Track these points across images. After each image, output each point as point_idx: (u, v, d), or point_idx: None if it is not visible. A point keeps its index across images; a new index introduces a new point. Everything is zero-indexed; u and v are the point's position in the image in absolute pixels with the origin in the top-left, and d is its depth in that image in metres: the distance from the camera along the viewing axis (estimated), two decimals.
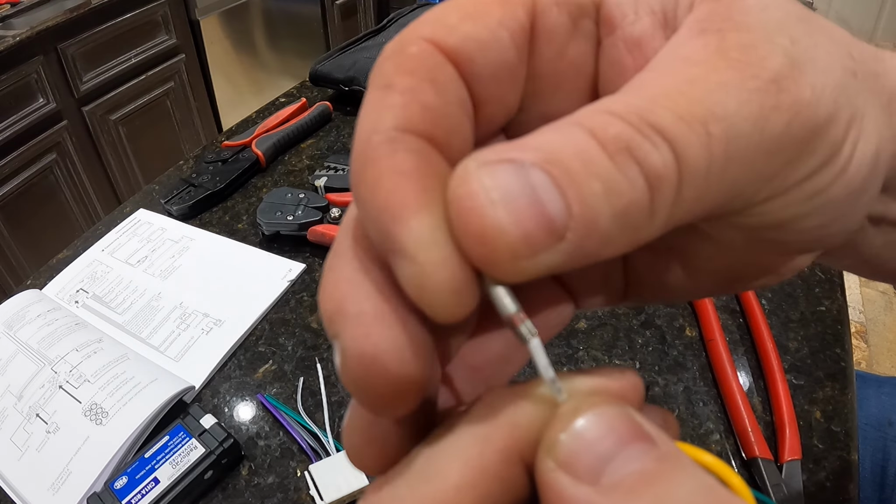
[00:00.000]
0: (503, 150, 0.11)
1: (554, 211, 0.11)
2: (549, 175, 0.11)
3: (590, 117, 0.12)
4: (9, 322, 0.53)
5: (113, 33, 1.66)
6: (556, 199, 0.11)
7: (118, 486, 0.40)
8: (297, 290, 0.58)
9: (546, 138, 0.11)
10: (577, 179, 0.11)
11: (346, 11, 2.55)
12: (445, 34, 0.13)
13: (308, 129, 0.80)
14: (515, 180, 0.11)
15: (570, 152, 0.11)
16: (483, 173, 0.11)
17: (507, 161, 0.11)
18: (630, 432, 0.11)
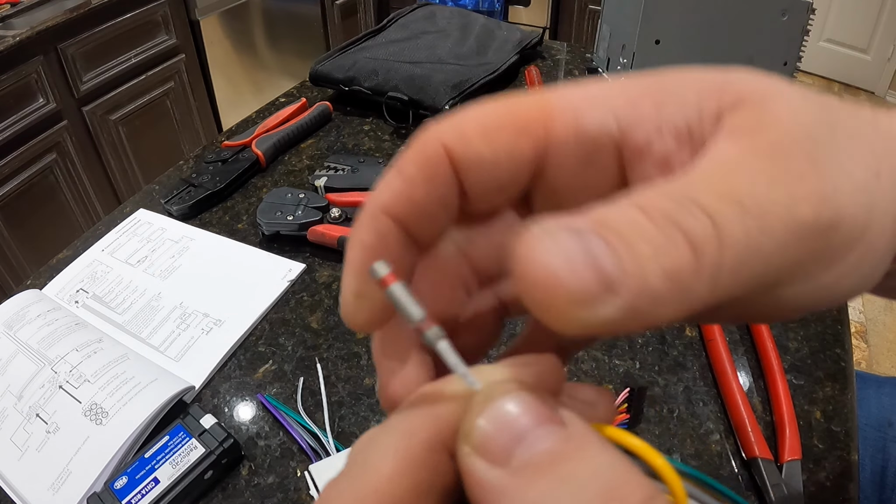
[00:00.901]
0: (562, 219, 0.13)
1: (608, 267, 0.12)
2: (603, 239, 0.12)
3: (638, 196, 0.13)
4: (9, 322, 0.53)
5: (113, 33, 1.66)
6: (610, 258, 0.12)
7: (118, 486, 0.40)
8: (297, 290, 0.58)
9: (600, 211, 0.13)
10: (629, 242, 0.12)
11: (346, 11, 2.55)
12: (459, 146, 0.16)
13: (308, 129, 0.80)
14: (574, 242, 0.12)
15: (621, 221, 0.13)
16: (546, 236, 0.12)
17: (566, 228, 0.12)
18: (538, 415, 0.12)
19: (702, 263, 0.13)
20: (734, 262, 0.13)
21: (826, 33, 3.11)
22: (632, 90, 0.16)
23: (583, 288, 0.12)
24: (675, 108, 0.15)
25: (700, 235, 0.13)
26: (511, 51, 0.93)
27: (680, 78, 0.16)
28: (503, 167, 0.16)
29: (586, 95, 0.16)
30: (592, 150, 0.16)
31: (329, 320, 0.55)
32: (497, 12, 2.30)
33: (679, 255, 0.12)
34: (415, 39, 0.92)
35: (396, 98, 0.80)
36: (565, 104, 0.16)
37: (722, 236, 0.13)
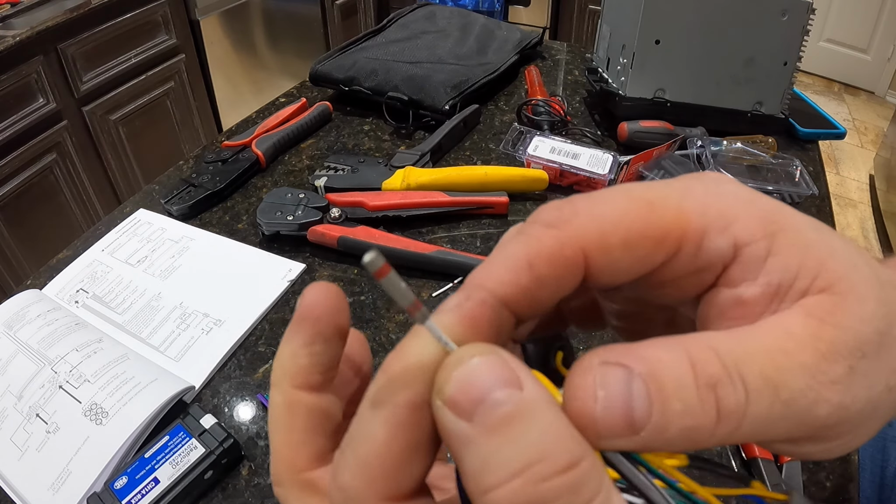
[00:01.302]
0: (620, 354, 0.15)
1: (639, 415, 0.14)
2: (647, 387, 0.15)
3: (697, 349, 0.15)
4: (9, 322, 0.53)
5: (113, 33, 1.66)
6: (645, 407, 0.14)
7: (118, 486, 0.40)
8: (297, 290, 0.58)
9: (657, 355, 0.15)
10: (666, 397, 0.15)
11: (346, 11, 2.55)
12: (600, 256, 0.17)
13: (308, 129, 0.80)
14: (620, 385, 0.15)
15: (669, 374, 0.15)
16: (598, 371, 0.15)
17: (620, 365, 0.15)
18: (500, 377, 0.14)
19: (720, 427, 0.15)
20: (749, 431, 0.16)
21: (826, 33, 3.11)
22: (757, 225, 0.17)
23: (610, 427, 0.15)
24: (780, 264, 0.17)
25: (731, 407, 0.15)
26: (511, 51, 0.93)
27: (801, 235, 0.17)
28: (632, 272, 0.17)
29: (719, 213, 0.17)
30: (701, 268, 0.18)
31: None
32: (497, 12, 2.30)
33: (704, 419, 0.15)
34: (415, 39, 0.92)
35: (396, 98, 0.80)
36: (700, 222, 0.17)
37: (748, 412, 0.15)
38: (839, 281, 0.17)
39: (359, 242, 0.59)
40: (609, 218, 0.17)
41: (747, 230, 0.17)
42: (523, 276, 0.16)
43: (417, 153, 0.72)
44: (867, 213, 2.43)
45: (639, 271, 0.17)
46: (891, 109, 2.78)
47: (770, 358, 0.16)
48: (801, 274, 0.17)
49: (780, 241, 0.17)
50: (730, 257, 0.17)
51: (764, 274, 0.17)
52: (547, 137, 0.73)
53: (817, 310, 0.16)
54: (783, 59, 0.73)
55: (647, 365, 0.15)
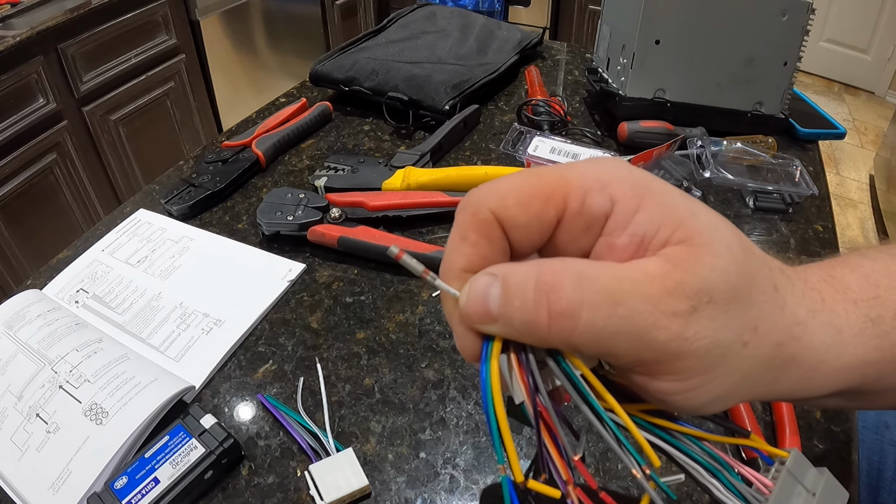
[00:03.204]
0: (496, 267, 0.22)
1: (492, 306, 0.21)
2: (501, 287, 0.21)
3: (550, 265, 0.21)
4: (9, 322, 0.53)
5: (113, 33, 1.66)
6: (497, 302, 0.21)
7: (118, 486, 0.40)
8: (297, 290, 0.58)
9: (515, 267, 0.21)
10: (509, 294, 0.21)
11: (346, 11, 2.55)
12: (503, 212, 0.22)
13: (308, 129, 0.80)
14: (481, 283, 0.22)
15: (516, 279, 0.21)
16: (475, 276, 0.22)
17: (489, 274, 0.22)
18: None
19: (554, 325, 0.20)
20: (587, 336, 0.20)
21: (826, 33, 3.11)
22: (628, 187, 0.21)
23: (475, 313, 0.22)
24: (645, 219, 0.21)
25: (561, 309, 0.20)
26: (511, 51, 0.93)
27: (665, 198, 0.21)
28: (534, 228, 0.22)
29: (596, 178, 0.22)
30: (589, 222, 0.22)
31: (329, 320, 0.55)
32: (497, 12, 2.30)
33: (536, 315, 0.20)
34: (415, 39, 0.92)
35: (396, 98, 0.80)
36: (580, 184, 0.22)
37: (583, 317, 0.19)
38: (697, 236, 0.20)
39: (359, 242, 0.59)
40: (505, 187, 0.22)
41: (620, 190, 0.21)
42: (464, 247, 0.22)
43: (417, 153, 0.72)
44: (867, 213, 2.43)
45: (541, 227, 0.22)
46: (891, 109, 2.78)
47: (617, 281, 0.20)
48: (662, 227, 0.20)
49: (647, 201, 0.21)
50: (609, 211, 0.21)
51: (631, 226, 0.21)
52: (547, 137, 0.73)
53: (672, 256, 0.20)
54: (783, 59, 0.73)
55: (504, 271, 0.21)
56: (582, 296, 0.19)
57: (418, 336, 0.53)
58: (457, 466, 0.43)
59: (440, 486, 0.42)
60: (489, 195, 0.22)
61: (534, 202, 0.22)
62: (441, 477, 0.43)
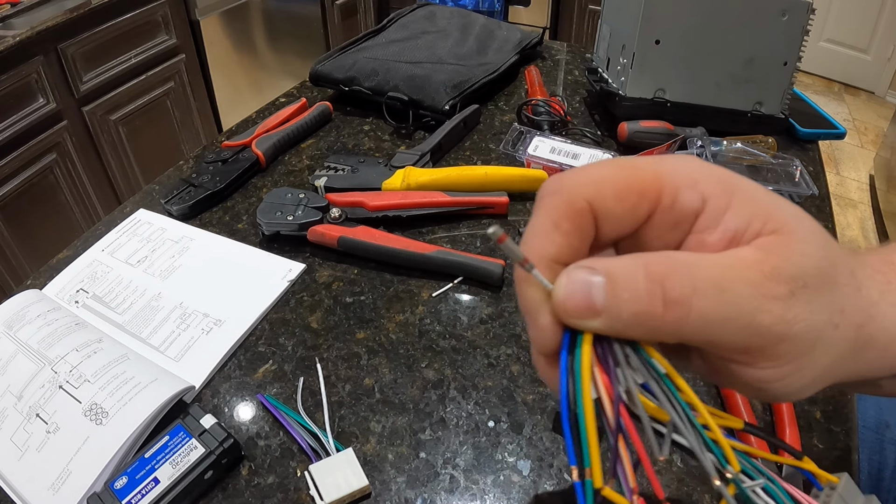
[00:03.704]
0: (589, 261, 0.21)
1: (597, 300, 0.20)
2: (603, 279, 0.20)
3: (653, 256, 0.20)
4: (9, 322, 0.53)
5: (113, 33, 1.66)
6: (601, 294, 0.20)
7: (118, 486, 0.40)
8: (297, 290, 0.58)
9: (619, 261, 0.21)
10: (616, 286, 0.20)
11: (346, 11, 2.55)
12: (599, 203, 0.22)
13: (308, 129, 0.80)
14: (581, 277, 0.21)
15: (621, 270, 0.20)
16: (572, 269, 0.21)
17: (586, 267, 0.21)
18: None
19: (668, 314, 0.19)
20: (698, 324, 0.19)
21: (826, 33, 3.11)
22: (717, 184, 0.22)
23: (574, 307, 0.21)
24: (735, 215, 0.21)
25: (677, 296, 0.19)
26: (511, 51, 0.93)
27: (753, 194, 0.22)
28: (626, 221, 0.22)
29: (687, 174, 0.22)
30: (679, 219, 0.22)
31: (329, 320, 0.55)
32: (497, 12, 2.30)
33: (650, 305, 0.20)
34: (415, 39, 0.92)
35: (396, 98, 0.80)
36: (672, 180, 0.22)
37: (695, 304, 0.19)
38: (784, 225, 0.21)
39: (359, 242, 0.59)
40: (601, 176, 0.22)
41: (710, 187, 0.22)
42: (556, 236, 0.22)
43: (417, 153, 0.72)
44: (867, 213, 2.43)
45: (632, 221, 0.22)
46: (891, 109, 2.78)
47: (718, 268, 0.20)
48: (752, 221, 0.21)
49: (736, 198, 0.21)
50: (700, 209, 0.22)
51: (723, 223, 0.21)
52: (547, 137, 0.73)
53: (765, 245, 0.20)
54: (783, 59, 0.73)
55: (606, 265, 0.21)
56: (693, 283, 0.19)
57: (418, 336, 0.53)
58: (457, 466, 0.43)
59: (440, 486, 0.42)
60: (585, 183, 0.22)
61: (630, 195, 0.22)
62: (441, 477, 0.43)
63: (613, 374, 0.20)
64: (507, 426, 0.46)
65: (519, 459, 0.44)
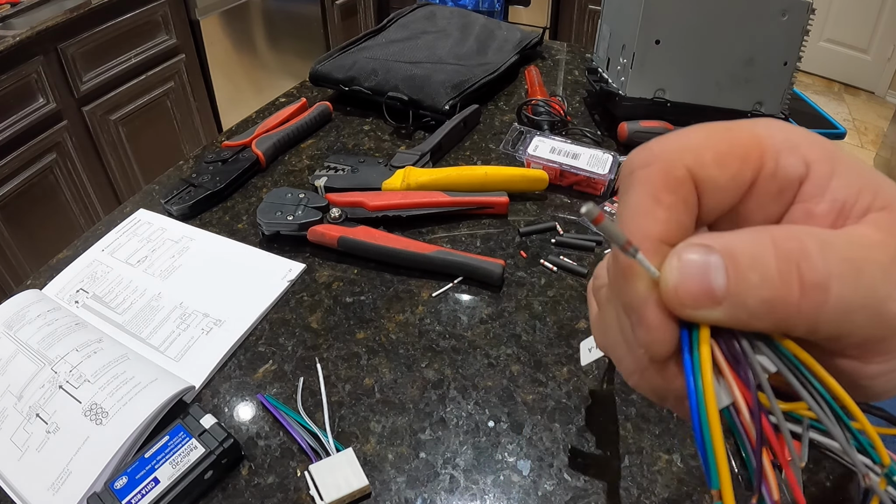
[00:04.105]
0: (703, 237, 0.18)
1: (717, 284, 0.17)
2: (724, 261, 0.17)
3: (781, 231, 0.18)
4: (9, 322, 0.53)
5: (113, 33, 1.66)
6: (722, 278, 0.17)
7: (118, 486, 0.40)
8: (297, 290, 0.58)
9: (737, 235, 0.18)
10: (741, 268, 0.17)
11: (346, 11, 2.55)
12: (701, 171, 0.19)
13: (308, 129, 0.80)
14: (696, 258, 0.17)
15: (745, 249, 0.17)
16: (682, 249, 0.18)
17: (701, 245, 0.18)
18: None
19: (805, 301, 0.17)
20: (833, 314, 0.17)
21: (826, 33, 3.11)
22: (818, 150, 0.20)
23: (691, 295, 0.17)
24: (842, 184, 0.19)
25: (815, 280, 0.17)
26: (511, 51, 0.93)
27: (854, 163, 0.20)
28: (730, 191, 0.20)
29: (785, 137, 0.20)
30: (783, 186, 0.20)
31: (329, 320, 0.55)
32: (497, 12, 2.30)
33: (784, 290, 0.17)
34: (415, 39, 0.92)
35: (396, 98, 0.80)
36: (772, 143, 0.19)
37: (833, 290, 0.17)
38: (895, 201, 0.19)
39: (359, 242, 0.59)
40: (697, 141, 0.19)
41: (812, 152, 0.19)
42: (658, 211, 0.19)
43: (417, 153, 0.72)
44: None
45: (736, 191, 0.20)
46: (891, 109, 2.78)
47: (852, 247, 0.17)
48: (862, 193, 0.19)
49: (840, 165, 0.19)
50: (804, 174, 0.19)
51: (830, 191, 0.19)
52: (547, 137, 0.73)
53: (883, 223, 0.18)
54: (783, 59, 0.73)
55: (724, 242, 0.17)
56: (830, 264, 0.17)
57: (418, 336, 0.53)
58: (457, 466, 0.43)
59: (440, 486, 0.42)
60: (683, 149, 0.19)
61: (732, 161, 0.19)
62: (441, 477, 0.43)
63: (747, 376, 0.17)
64: (507, 426, 0.46)
65: (519, 459, 0.44)
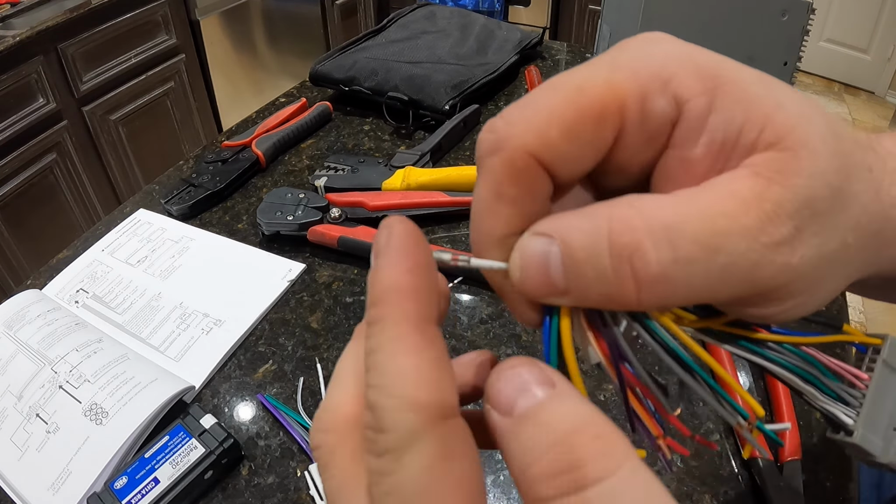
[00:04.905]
0: (547, 224, 0.17)
1: (557, 278, 0.16)
2: (562, 254, 0.16)
3: (621, 215, 0.16)
4: (9, 322, 0.53)
5: (113, 33, 1.66)
6: (560, 272, 0.16)
7: (118, 486, 0.40)
8: (297, 290, 0.58)
9: (576, 223, 0.16)
10: (577, 263, 0.16)
11: (346, 11, 2.55)
12: (547, 150, 0.17)
13: (308, 129, 0.80)
14: (536, 250, 0.17)
15: (581, 242, 0.16)
16: (523, 242, 0.17)
17: (543, 234, 0.17)
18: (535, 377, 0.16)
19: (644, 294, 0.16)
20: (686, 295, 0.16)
21: (826, 33, 3.11)
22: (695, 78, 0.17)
23: (534, 287, 0.17)
24: (721, 120, 0.17)
25: (652, 275, 0.15)
26: (511, 51, 0.93)
27: (742, 88, 0.17)
28: (586, 158, 0.17)
29: (652, 73, 0.17)
30: (652, 134, 0.17)
31: (329, 320, 0.55)
32: (497, 12, 2.30)
33: (620, 287, 0.16)
34: (415, 39, 0.92)
35: (396, 98, 0.80)
36: (635, 88, 0.17)
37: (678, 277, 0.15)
38: (788, 135, 0.16)
39: (359, 242, 0.59)
40: (541, 116, 0.17)
41: (685, 86, 0.17)
42: (501, 208, 0.17)
43: (417, 153, 0.72)
44: None
45: (593, 155, 0.17)
46: (891, 109, 2.78)
47: (708, 222, 0.15)
48: (745, 129, 0.16)
49: (721, 96, 0.17)
50: (675, 116, 0.17)
51: (707, 132, 0.17)
52: None
53: (764, 168, 0.16)
54: (783, 59, 0.73)
55: (563, 233, 0.16)
56: (673, 254, 0.15)
57: None
58: None
59: None
60: (524, 132, 0.17)
61: (583, 127, 0.17)
62: None
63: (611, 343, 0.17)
64: None
65: None
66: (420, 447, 0.14)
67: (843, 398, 0.21)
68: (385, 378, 0.15)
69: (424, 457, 0.14)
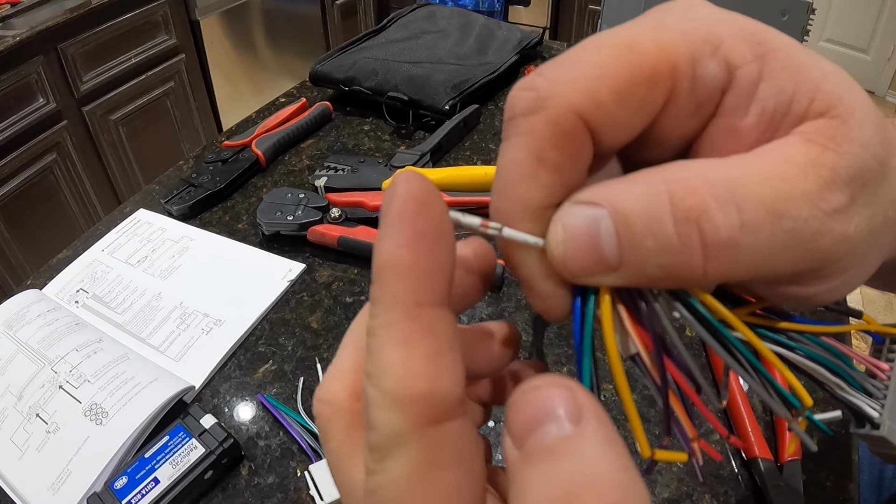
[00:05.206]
0: (592, 192, 0.15)
1: (609, 252, 0.15)
2: (614, 224, 0.15)
3: (680, 178, 0.14)
4: (9, 322, 0.53)
5: (113, 33, 1.66)
6: (613, 243, 0.15)
7: (118, 486, 0.40)
8: (297, 290, 0.58)
9: (628, 188, 0.15)
10: (634, 232, 0.14)
11: (346, 11, 2.55)
12: (596, 112, 0.15)
13: (308, 129, 0.80)
14: (582, 221, 0.15)
15: (637, 208, 0.14)
16: (566, 213, 0.15)
17: (588, 203, 0.15)
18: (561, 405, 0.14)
19: (711, 264, 0.14)
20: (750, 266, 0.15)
21: (826, 33, 3.11)
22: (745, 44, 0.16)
23: (580, 264, 0.15)
24: (772, 88, 0.16)
25: (721, 240, 0.14)
26: (511, 51, 0.93)
27: (791, 57, 0.16)
28: (635, 124, 0.16)
29: (703, 37, 0.16)
30: (701, 101, 0.16)
31: (329, 320, 0.55)
32: (497, 12, 2.30)
33: (685, 255, 0.14)
34: (415, 39, 0.92)
35: (396, 98, 0.80)
36: (687, 51, 0.16)
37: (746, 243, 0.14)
38: (837, 104, 0.16)
39: (359, 242, 0.59)
40: (591, 74, 0.15)
41: (737, 52, 0.16)
42: (542, 174, 0.16)
43: (417, 153, 0.72)
44: None
45: (642, 121, 0.16)
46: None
47: (770, 185, 0.15)
48: (796, 98, 0.16)
49: (770, 63, 0.16)
50: (726, 83, 0.16)
51: (757, 100, 0.16)
52: None
53: (817, 135, 0.15)
54: None
55: (614, 198, 0.15)
56: (740, 217, 0.14)
57: None
58: None
59: None
60: (572, 90, 0.15)
61: (636, 89, 0.15)
62: None
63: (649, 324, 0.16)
64: None
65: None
66: (403, 452, 0.13)
67: (868, 390, 0.20)
68: (374, 367, 0.14)
69: (406, 464, 0.13)
